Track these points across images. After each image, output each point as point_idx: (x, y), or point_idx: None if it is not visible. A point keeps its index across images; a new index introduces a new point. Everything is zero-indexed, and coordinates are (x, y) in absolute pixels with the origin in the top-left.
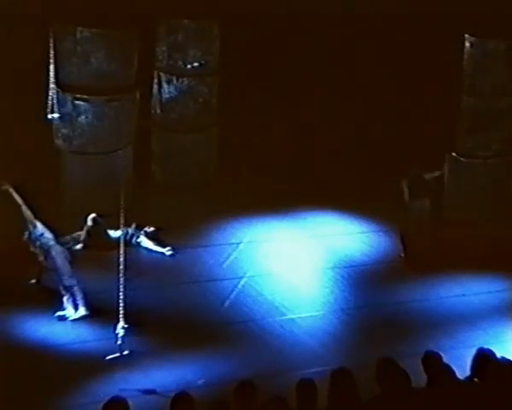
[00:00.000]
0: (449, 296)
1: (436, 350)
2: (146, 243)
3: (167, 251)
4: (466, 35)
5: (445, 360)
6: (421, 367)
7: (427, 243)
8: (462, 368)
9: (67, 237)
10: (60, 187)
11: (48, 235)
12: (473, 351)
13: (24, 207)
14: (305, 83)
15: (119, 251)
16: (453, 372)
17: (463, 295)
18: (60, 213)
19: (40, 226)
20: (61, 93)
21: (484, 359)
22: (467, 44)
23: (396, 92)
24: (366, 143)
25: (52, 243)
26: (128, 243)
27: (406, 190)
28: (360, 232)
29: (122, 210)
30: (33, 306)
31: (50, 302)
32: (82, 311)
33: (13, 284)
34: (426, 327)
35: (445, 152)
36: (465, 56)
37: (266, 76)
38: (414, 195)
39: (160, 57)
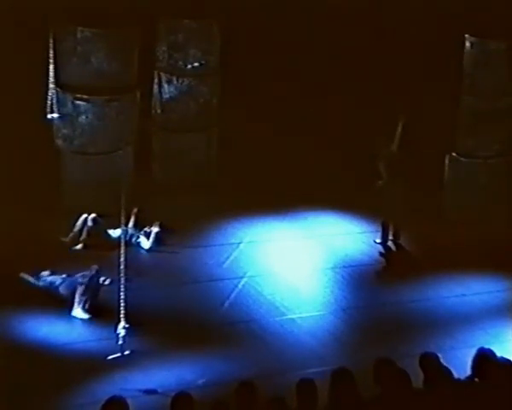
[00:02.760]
0: (449, 296)
1: (436, 350)
2: (144, 243)
3: (155, 227)
4: (466, 35)
5: (446, 360)
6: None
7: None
8: (463, 368)
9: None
10: (60, 187)
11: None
12: (473, 351)
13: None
14: (306, 82)
15: (119, 251)
16: (450, 373)
17: (463, 294)
18: (60, 212)
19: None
20: (61, 93)
21: (484, 359)
22: (467, 44)
23: (396, 92)
24: (367, 143)
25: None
26: (128, 243)
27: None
28: (360, 232)
29: (122, 210)
30: (34, 306)
31: (51, 302)
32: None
33: (13, 283)
34: (426, 327)
35: (445, 152)
36: (465, 56)
37: (267, 76)
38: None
39: (161, 57)
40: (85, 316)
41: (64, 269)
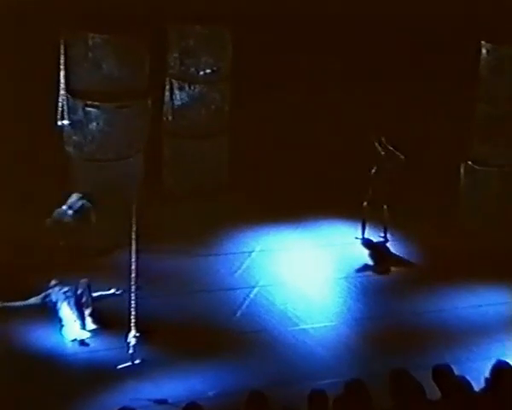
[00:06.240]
0: (464, 307)
1: (452, 362)
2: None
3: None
4: (482, 42)
5: (461, 372)
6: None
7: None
8: (479, 380)
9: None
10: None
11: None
12: (489, 363)
13: None
14: (318, 89)
15: (130, 259)
16: (469, 384)
17: (479, 305)
18: None
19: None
20: (71, 99)
21: (501, 371)
22: (483, 51)
23: (411, 99)
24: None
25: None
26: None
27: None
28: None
29: (134, 217)
30: (43, 315)
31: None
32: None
33: (23, 292)
34: (441, 338)
35: (460, 160)
36: (481, 63)
37: (279, 82)
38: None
39: (172, 64)
40: (87, 334)
41: (73, 276)
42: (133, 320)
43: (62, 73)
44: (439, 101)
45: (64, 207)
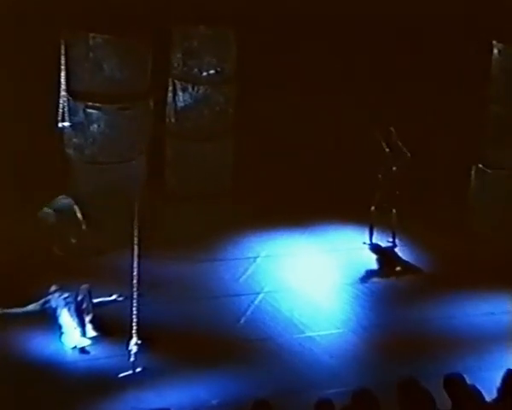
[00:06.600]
0: (476, 314)
1: (463, 371)
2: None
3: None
4: (494, 42)
5: (473, 381)
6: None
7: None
8: (490, 390)
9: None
10: (71, 197)
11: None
12: (502, 372)
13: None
14: (324, 90)
15: (132, 264)
16: (480, 394)
17: (492, 313)
18: None
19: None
20: (72, 101)
21: None
22: (495, 51)
23: (421, 100)
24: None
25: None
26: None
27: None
28: None
29: (136, 221)
30: (43, 321)
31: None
32: (91, 333)
33: (22, 297)
34: (452, 346)
35: (471, 163)
36: (493, 64)
37: (283, 84)
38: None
39: (175, 64)
40: (87, 341)
41: (74, 281)
42: (135, 327)
43: (63, 74)
44: (449, 102)
45: (44, 208)
